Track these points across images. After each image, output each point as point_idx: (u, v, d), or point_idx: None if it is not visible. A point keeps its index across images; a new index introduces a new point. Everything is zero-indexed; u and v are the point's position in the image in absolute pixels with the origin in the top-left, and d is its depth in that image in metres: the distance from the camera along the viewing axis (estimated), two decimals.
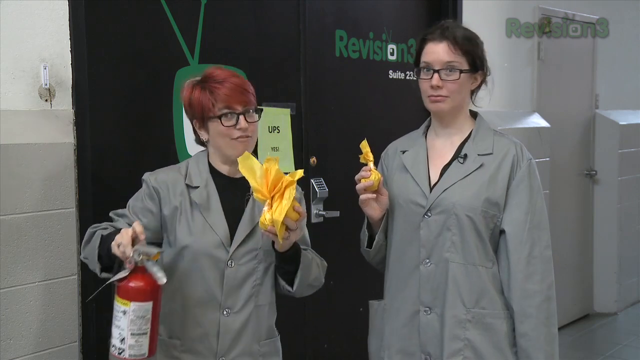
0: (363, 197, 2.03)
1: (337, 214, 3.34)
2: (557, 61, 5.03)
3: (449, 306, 1.99)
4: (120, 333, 1.71)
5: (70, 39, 2.40)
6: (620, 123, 5.61)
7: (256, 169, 1.77)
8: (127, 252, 1.71)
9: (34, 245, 2.26)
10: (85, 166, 2.40)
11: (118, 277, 1.73)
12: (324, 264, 2.10)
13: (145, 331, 1.72)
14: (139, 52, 2.65)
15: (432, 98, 2.02)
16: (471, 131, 2.08)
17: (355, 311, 3.38)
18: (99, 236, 1.90)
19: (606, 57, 5.58)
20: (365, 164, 2.02)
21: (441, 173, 2.05)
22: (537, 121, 4.74)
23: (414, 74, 2.10)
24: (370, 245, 2.15)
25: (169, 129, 2.73)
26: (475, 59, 2.01)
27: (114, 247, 1.75)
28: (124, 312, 1.71)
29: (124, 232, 1.74)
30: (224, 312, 1.95)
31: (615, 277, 5.64)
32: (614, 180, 5.59)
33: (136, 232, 1.73)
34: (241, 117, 1.93)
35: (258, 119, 1.99)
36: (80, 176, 2.39)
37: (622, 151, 5.61)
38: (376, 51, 3.63)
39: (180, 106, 2.05)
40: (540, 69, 4.84)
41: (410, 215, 2.05)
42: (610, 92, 5.72)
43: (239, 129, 1.93)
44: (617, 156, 5.58)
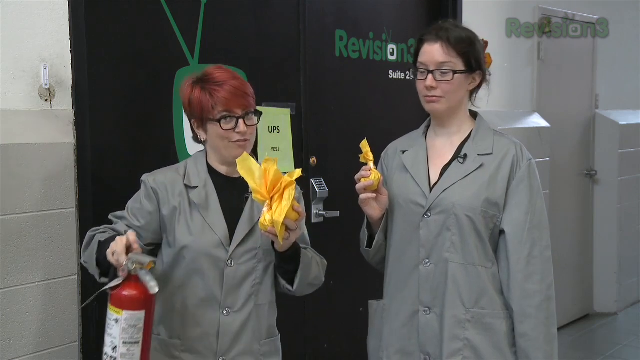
0: (363, 196, 2.03)
1: (337, 214, 3.34)
2: (557, 61, 5.03)
3: (449, 306, 1.99)
4: (112, 341, 1.71)
5: (70, 39, 2.40)
6: (620, 123, 5.61)
7: (255, 170, 1.77)
8: (120, 261, 1.71)
9: (34, 245, 2.26)
10: (85, 166, 2.40)
11: (111, 285, 1.72)
12: (324, 262, 2.10)
13: (137, 340, 1.71)
14: (139, 52, 2.65)
15: (427, 98, 2.03)
16: (471, 131, 2.08)
17: (355, 311, 3.38)
18: (97, 241, 1.91)
19: (606, 57, 5.58)
20: (365, 164, 2.02)
21: (441, 173, 2.05)
22: (537, 121, 4.74)
23: (409, 74, 2.11)
24: (370, 245, 2.16)
25: (169, 129, 2.73)
26: (471, 60, 2.01)
27: (108, 254, 1.76)
28: (116, 321, 1.70)
29: (118, 240, 1.75)
30: (224, 312, 1.95)
31: (615, 277, 5.64)
32: (614, 180, 5.59)
33: (129, 241, 1.73)
34: (240, 120, 1.93)
35: (257, 121, 1.99)
36: (80, 176, 2.39)
37: (622, 151, 5.61)
38: (376, 51, 3.63)
39: (180, 106, 2.05)
40: (540, 69, 4.84)
41: (410, 215, 2.05)
42: (610, 92, 5.72)
43: (238, 132, 1.93)
44: (617, 156, 5.58)
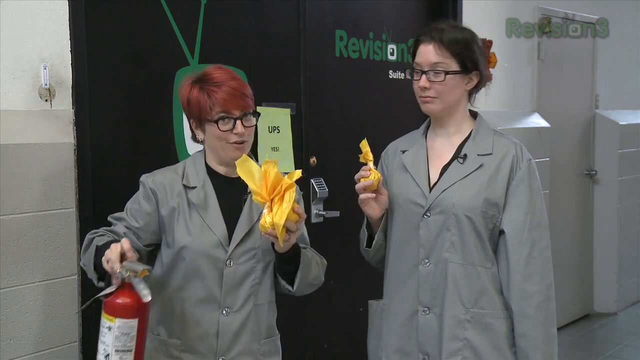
0: (362, 196, 2.03)
1: (337, 214, 3.34)
2: (557, 61, 5.03)
3: (448, 306, 1.99)
4: (105, 349, 1.70)
5: (70, 39, 2.40)
6: (620, 123, 5.61)
7: (255, 172, 1.77)
8: (114, 268, 1.71)
9: (34, 245, 2.27)
10: (85, 166, 2.40)
11: (104, 293, 1.72)
12: (324, 262, 2.10)
13: (130, 348, 1.71)
14: (139, 52, 2.65)
15: (422, 99, 2.04)
16: (471, 131, 2.08)
17: (355, 311, 3.38)
18: (94, 246, 1.91)
19: (606, 57, 5.58)
20: (365, 164, 2.02)
21: (441, 173, 2.05)
22: (537, 121, 4.74)
23: (406, 74, 2.11)
24: (369, 244, 2.16)
25: (169, 129, 2.73)
26: (466, 60, 2.00)
27: (103, 262, 1.76)
28: (109, 328, 1.70)
29: (113, 247, 1.75)
30: (223, 312, 1.95)
31: (615, 277, 5.64)
32: (614, 180, 5.59)
33: (123, 249, 1.74)
34: (238, 122, 1.92)
35: (255, 122, 1.99)
36: (80, 176, 2.39)
37: (622, 151, 5.61)
38: (376, 51, 3.63)
39: (180, 106, 2.05)
40: (540, 69, 4.84)
41: (409, 215, 2.05)
42: (610, 92, 5.72)
43: (236, 133, 1.93)
44: (617, 156, 5.58)
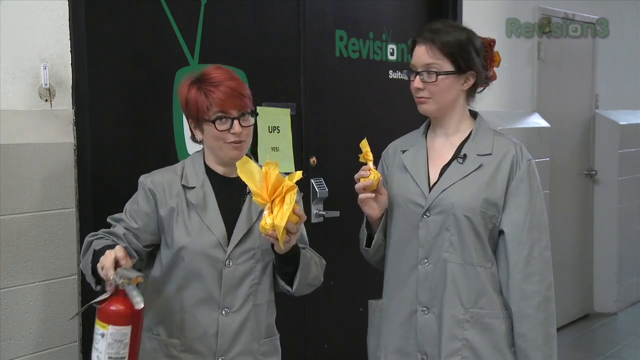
0: (362, 196, 2.03)
1: (337, 214, 3.34)
2: (557, 61, 5.03)
3: (447, 306, 1.99)
4: (98, 356, 1.70)
5: (70, 39, 2.40)
6: (620, 123, 5.61)
7: (255, 173, 1.77)
8: (108, 275, 1.71)
9: (34, 245, 2.27)
10: (85, 166, 2.40)
11: (98, 300, 1.72)
12: (323, 262, 2.10)
13: (122, 356, 1.70)
14: (139, 52, 2.65)
15: (417, 99, 2.05)
16: (471, 131, 2.08)
17: (355, 311, 3.38)
18: (92, 250, 1.90)
19: (606, 57, 5.58)
20: (365, 164, 2.02)
21: (440, 173, 2.05)
22: (537, 121, 4.74)
23: (402, 75, 2.11)
24: (369, 244, 2.16)
25: (169, 129, 2.73)
26: (459, 61, 2.00)
27: (98, 268, 1.76)
28: (102, 335, 1.69)
29: (107, 254, 1.75)
30: (223, 312, 1.96)
31: (615, 277, 5.64)
32: (614, 180, 5.59)
33: (117, 256, 1.73)
34: (235, 121, 1.92)
35: (253, 123, 1.98)
36: (80, 176, 2.39)
37: (622, 151, 5.61)
38: (376, 51, 3.63)
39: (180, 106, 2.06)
40: (540, 69, 4.84)
41: (409, 215, 2.05)
42: (610, 92, 5.72)
43: (233, 133, 1.93)
44: (617, 156, 5.58)
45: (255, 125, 2.97)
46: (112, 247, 1.83)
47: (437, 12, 3.91)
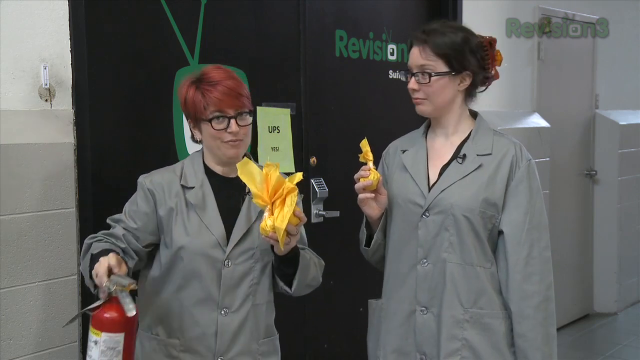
0: (361, 196, 2.03)
1: (337, 214, 3.34)
2: (557, 61, 5.03)
3: (447, 306, 1.99)
4: None
5: (70, 39, 2.40)
6: (620, 123, 5.61)
7: (256, 174, 1.77)
8: (101, 282, 1.71)
9: (34, 245, 2.27)
10: (85, 166, 2.40)
11: (91, 307, 1.72)
12: (322, 262, 2.10)
13: None
14: (139, 52, 2.65)
15: (413, 100, 2.05)
16: (471, 131, 2.08)
17: (355, 311, 3.38)
18: (90, 254, 1.90)
19: (606, 57, 5.58)
20: (365, 164, 2.02)
21: (440, 173, 2.05)
22: (537, 121, 4.74)
23: (401, 75, 2.12)
24: (368, 244, 2.16)
25: (169, 129, 2.73)
26: (453, 62, 1.99)
27: (93, 275, 1.76)
28: (96, 342, 1.69)
29: (102, 260, 1.74)
30: (222, 312, 1.96)
31: (615, 277, 5.64)
32: (614, 180, 5.59)
33: (110, 265, 1.73)
34: (232, 120, 1.92)
35: (250, 122, 1.98)
36: (80, 176, 2.39)
37: (622, 151, 5.61)
38: (376, 51, 3.63)
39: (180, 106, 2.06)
40: (540, 69, 4.84)
41: (408, 214, 2.05)
42: (610, 92, 5.72)
43: (230, 132, 1.93)
44: (617, 156, 5.58)
45: (255, 125, 2.99)
46: (109, 251, 1.83)
47: (437, 12, 3.91)
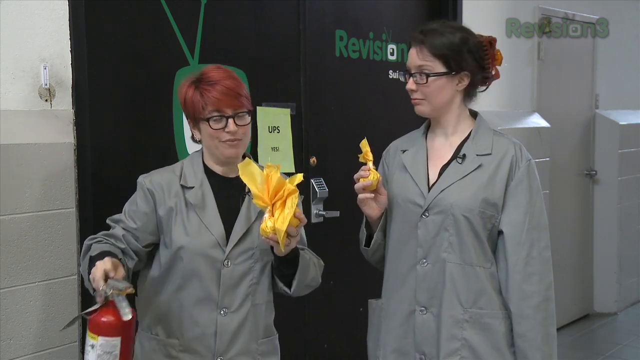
0: (361, 196, 2.03)
1: (337, 214, 3.34)
2: (557, 61, 5.03)
3: (446, 306, 1.99)
4: None
5: (70, 39, 2.40)
6: (620, 123, 5.61)
7: (257, 175, 1.77)
8: (98, 286, 1.71)
9: (34, 245, 2.27)
10: (85, 166, 2.40)
11: (88, 311, 1.72)
12: (321, 263, 2.10)
13: None
14: (139, 52, 2.65)
15: (412, 101, 2.05)
16: (471, 131, 2.08)
17: (355, 311, 3.38)
18: (89, 256, 1.89)
19: (606, 57, 5.58)
20: (365, 164, 2.02)
21: (440, 173, 2.05)
22: (537, 121, 4.74)
23: (400, 76, 2.12)
24: (368, 244, 2.16)
25: (169, 129, 2.73)
26: (451, 62, 1.99)
27: (90, 279, 1.76)
28: (92, 346, 1.69)
29: (98, 265, 1.74)
30: (221, 312, 1.96)
31: (615, 277, 5.64)
32: (614, 180, 5.59)
33: (105, 269, 1.72)
34: (230, 120, 1.92)
35: (248, 122, 1.98)
36: (80, 176, 2.39)
37: (622, 151, 5.61)
38: (376, 51, 3.63)
39: (180, 106, 2.06)
40: (540, 69, 4.84)
41: (408, 214, 2.05)
42: (610, 92, 5.72)
43: (228, 131, 1.93)
44: (617, 156, 5.58)
45: (255, 125, 2.99)
46: (107, 253, 1.83)
47: (437, 12, 3.91)
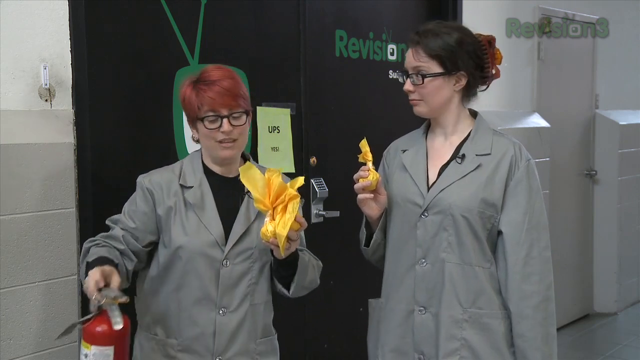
0: (361, 196, 2.03)
1: (337, 214, 3.34)
2: (557, 61, 5.03)
3: (445, 306, 1.99)
4: None
5: (70, 39, 2.40)
6: (620, 123, 5.61)
7: (258, 180, 1.77)
8: (91, 296, 1.70)
9: (34, 245, 2.27)
10: (85, 166, 2.40)
11: (81, 320, 1.72)
12: (319, 264, 2.10)
13: None
14: (139, 52, 2.65)
15: (410, 102, 2.05)
16: (470, 131, 2.08)
17: (355, 311, 3.38)
18: (85, 262, 1.89)
19: (606, 57, 5.58)
20: (364, 164, 2.02)
21: (439, 173, 2.05)
22: (537, 121, 4.74)
23: (398, 76, 2.12)
24: (368, 243, 2.15)
25: (169, 129, 2.73)
26: (447, 62, 1.99)
27: (84, 288, 1.76)
28: (86, 356, 1.69)
29: (90, 274, 1.74)
30: (220, 312, 1.96)
31: (615, 277, 5.64)
32: (614, 180, 5.59)
33: (95, 279, 1.72)
34: (225, 120, 1.92)
35: (245, 122, 1.97)
36: (80, 176, 2.39)
37: (622, 151, 5.61)
38: (376, 51, 3.63)
39: (180, 106, 2.06)
40: (540, 69, 4.84)
41: (407, 214, 2.05)
42: (610, 92, 5.72)
43: (223, 132, 1.93)
44: (617, 156, 5.58)
45: (255, 125, 2.99)
46: (104, 259, 1.83)
47: (437, 12, 3.91)
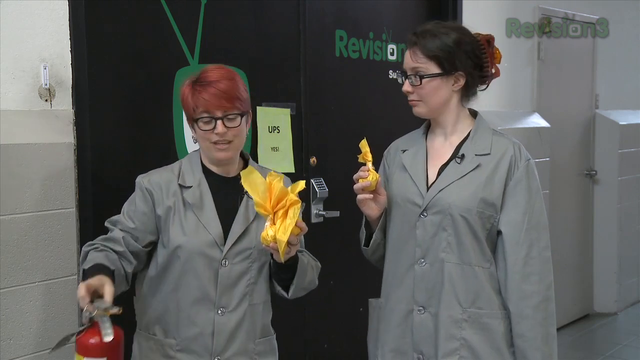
0: (360, 197, 2.03)
1: (337, 214, 3.34)
2: (557, 61, 5.03)
3: (445, 306, 1.99)
4: None
5: (70, 39, 2.40)
6: (620, 123, 5.61)
7: (259, 184, 1.77)
8: (82, 307, 1.69)
9: (34, 246, 2.26)
10: (85, 166, 2.40)
11: (75, 332, 1.71)
12: (318, 265, 2.10)
13: None
14: (139, 52, 2.65)
15: (409, 102, 2.05)
16: (470, 131, 2.08)
17: (355, 311, 3.38)
18: (82, 269, 1.89)
19: (606, 57, 5.58)
20: (364, 164, 2.02)
21: (439, 173, 2.05)
22: (537, 121, 4.74)
23: (397, 76, 2.12)
24: (368, 243, 2.16)
25: (169, 129, 2.73)
26: (444, 63, 1.99)
27: (78, 299, 1.75)
28: None
29: (80, 286, 1.73)
30: (219, 312, 1.96)
31: (615, 277, 5.64)
32: (614, 180, 5.59)
33: (80, 295, 1.70)
34: (219, 122, 1.92)
35: (240, 123, 1.96)
36: (80, 176, 2.39)
37: (622, 151, 5.61)
38: (376, 51, 3.63)
39: (180, 106, 2.06)
40: (540, 69, 4.84)
41: (407, 214, 2.05)
42: (610, 92, 5.72)
43: (217, 133, 1.92)
44: (617, 156, 5.58)
45: (255, 125, 2.99)
46: (99, 267, 1.82)
47: (437, 12, 3.91)
